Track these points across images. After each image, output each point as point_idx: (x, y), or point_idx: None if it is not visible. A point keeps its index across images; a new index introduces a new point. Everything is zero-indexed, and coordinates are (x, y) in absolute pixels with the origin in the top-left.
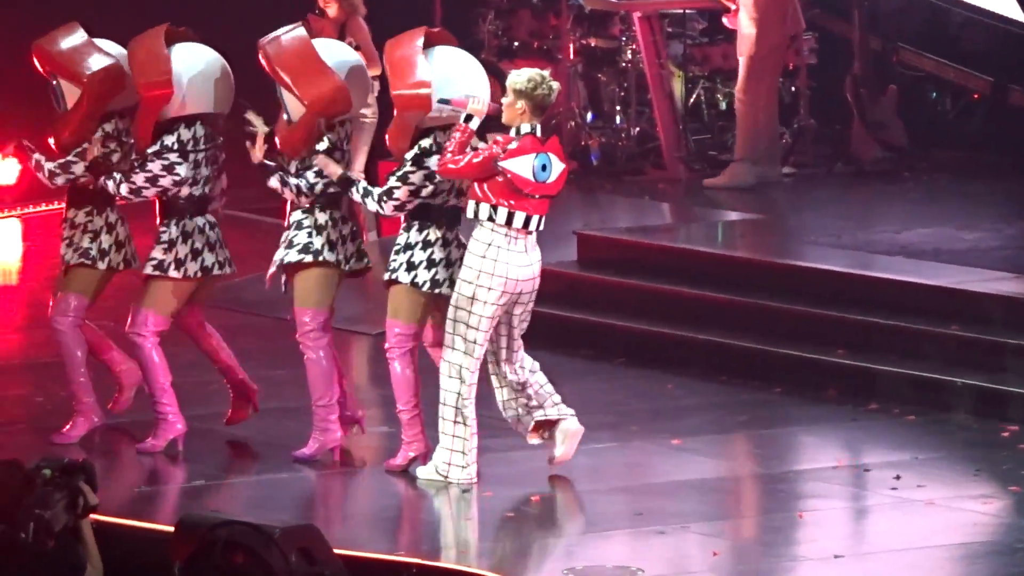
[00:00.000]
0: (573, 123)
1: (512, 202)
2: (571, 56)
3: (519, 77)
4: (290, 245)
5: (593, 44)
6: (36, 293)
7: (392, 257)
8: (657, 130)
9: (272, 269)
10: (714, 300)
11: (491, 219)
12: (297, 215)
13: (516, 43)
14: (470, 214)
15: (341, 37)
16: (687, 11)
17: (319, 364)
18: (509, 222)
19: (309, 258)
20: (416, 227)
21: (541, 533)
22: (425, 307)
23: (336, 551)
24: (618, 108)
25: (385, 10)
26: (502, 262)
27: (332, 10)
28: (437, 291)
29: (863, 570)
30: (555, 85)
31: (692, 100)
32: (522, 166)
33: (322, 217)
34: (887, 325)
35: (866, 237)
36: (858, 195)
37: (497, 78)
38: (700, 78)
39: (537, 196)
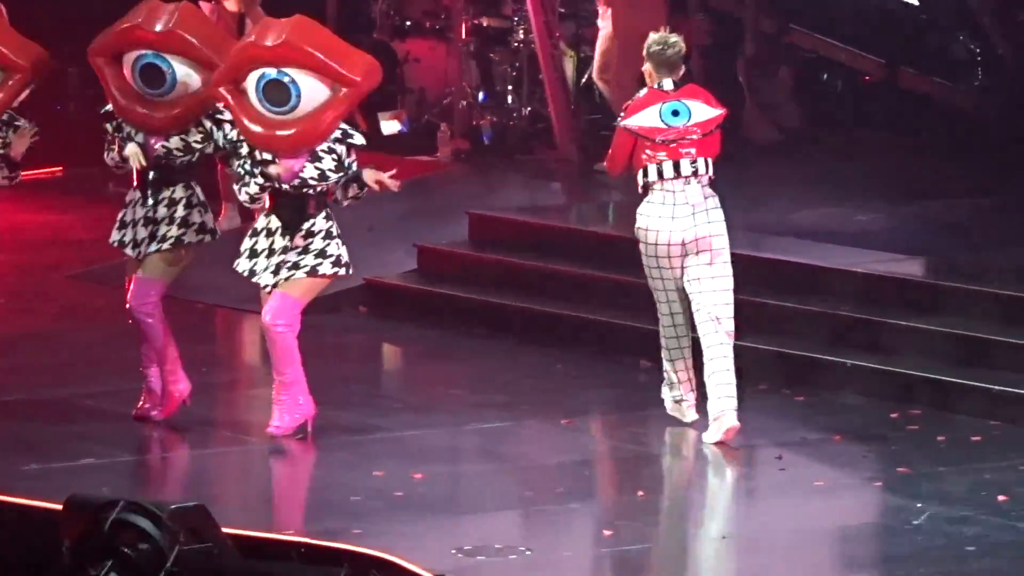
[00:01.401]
0: (465, 102)
1: (653, 155)
2: (463, 35)
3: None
4: (185, 224)
5: (485, 24)
6: None
7: (321, 247)
8: (549, 110)
9: (164, 247)
10: (606, 280)
11: (645, 177)
12: (179, 192)
13: (408, 22)
14: (639, 189)
15: (242, 29)
16: None
17: (156, 329)
18: (660, 175)
19: (208, 238)
20: (324, 215)
21: (431, 512)
22: None
23: (225, 530)
24: (510, 88)
25: None
26: (649, 216)
27: (230, 4)
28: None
29: (749, 550)
30: (673, 39)
31: (584, 80)
32: (646, 118)
33: (200, 193)
34: (777, 306)
35: (758, 218)
36: (750, 176)
37: (388, 57)
38: (592, 59)
39: (674, 141)
